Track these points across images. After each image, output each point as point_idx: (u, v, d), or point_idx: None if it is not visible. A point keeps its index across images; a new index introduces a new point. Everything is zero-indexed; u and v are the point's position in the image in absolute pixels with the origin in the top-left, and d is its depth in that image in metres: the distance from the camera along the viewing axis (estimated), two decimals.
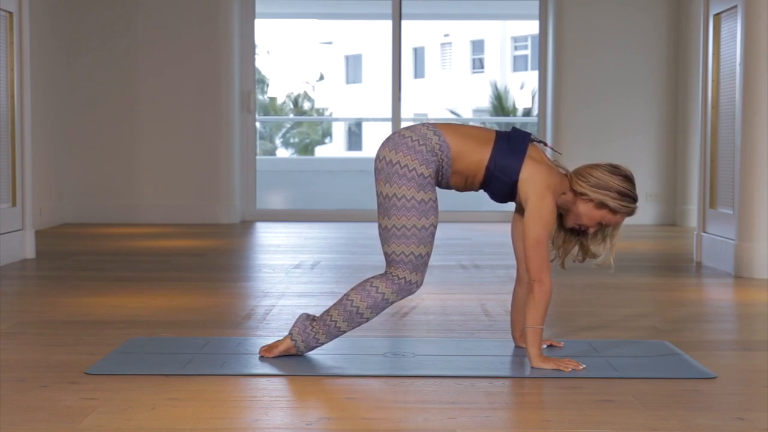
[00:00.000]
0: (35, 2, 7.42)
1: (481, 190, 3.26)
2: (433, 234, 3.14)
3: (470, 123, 20.99)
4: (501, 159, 3.13)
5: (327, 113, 27.59)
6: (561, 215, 3.26)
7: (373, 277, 3.18)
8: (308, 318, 3.23)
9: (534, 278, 3.10)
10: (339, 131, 26.32)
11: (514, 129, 3.20)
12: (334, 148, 25.91)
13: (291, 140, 25.51)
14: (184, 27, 8.81)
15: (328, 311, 3.19)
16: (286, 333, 3.36)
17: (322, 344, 3.21)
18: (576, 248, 3.33)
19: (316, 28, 26.70)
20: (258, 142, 10.40)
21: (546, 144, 3.27)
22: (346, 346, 3.44)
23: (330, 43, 27.38)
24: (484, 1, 12.31)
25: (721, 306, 4.63)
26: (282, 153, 24.89)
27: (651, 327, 3.90)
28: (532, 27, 11.37)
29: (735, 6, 5.59)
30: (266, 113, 23.85)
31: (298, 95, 26.74)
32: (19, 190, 6.00)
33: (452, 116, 23.04)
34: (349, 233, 8.05)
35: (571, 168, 3.29)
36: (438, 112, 23.71)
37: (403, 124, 9.19)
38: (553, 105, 9.01)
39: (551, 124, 9.07)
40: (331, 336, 3.20)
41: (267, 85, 25.81)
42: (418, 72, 26.30)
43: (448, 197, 3.78)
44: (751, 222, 5.35)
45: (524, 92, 20.66)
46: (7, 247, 5.78)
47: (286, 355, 3.22)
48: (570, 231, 3.30)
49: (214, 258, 6.37)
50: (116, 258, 6.29)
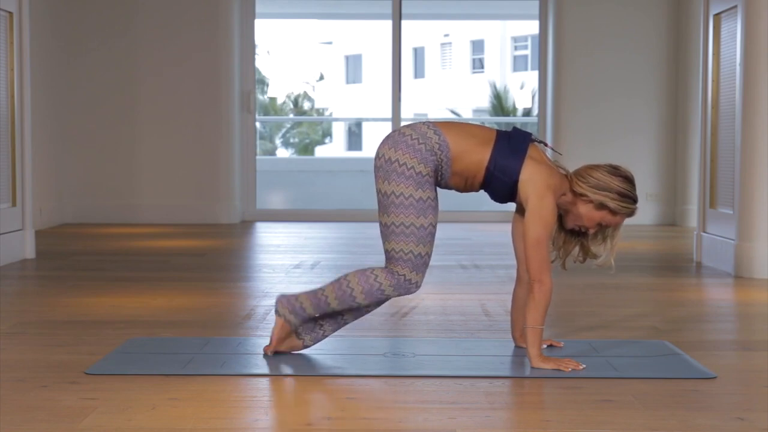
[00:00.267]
0: (35, 2, 7.42)
1: (482, 191, 3.26)
2: (433, 234, 3.14)
3: (470, 123, 21.01)
4: (501, 159, 3.13)
5: (327, 113, 27.59)
6: (561, 216, 3.26)
7: (376, 267, 3.19)
8: (287, 294, 3.26)
9: (534, 278, 3.10)
10: (339, 131, 26.32)
11: (515, 129, 3.20)
12: (334, 148, 25.91)
13: (291, 140, 25.51)
14: (184, 27, 8.81)
15: (323, 288, 3.21)
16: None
17: (310, 315, 3.21)
18: (576, 249, 3.33)
19: (316, 28, 26.71)
20: (258, 142, 10.40)
21: (546, 144, 3.27)
22: (346, 346, 3.44)
23: (330, 43, 27.38)
24: (484, 1, 12.31)
25: (721, 306, 4.63)
26: (282, 153, 24.89)
27: (651, 327, 3.90)
28: (532, 27, 11.37)
29: (735, 6, 5.59)
30: (266, 113, 23.85)
31: (298, 95, 26.74)
32: (19, 190, 6.00)
33: (452, 116, 23.04)
34: (349, 233, 8.05)
35: (571, 168, 3.29)
36: (438, 112, 23.70)
37: (403, 124, 9.18)
38: (553, 105, 9.01)
39: (551, 124, 9.07)
40: (319, 309, 3.19)
41: (267, 85, 25.81)
42: (418, 72, 26.30)
43: (449, 197, 3.77)
44: (751, 222, 5.35)
45: (524, 92, 20.65)
46: (7, 247, 5.78)
47: (290, 352, 3.24)
48: (570, 232, 3.30)
49: (214, 258, 6.37)
50: (116, 258, 6.29)
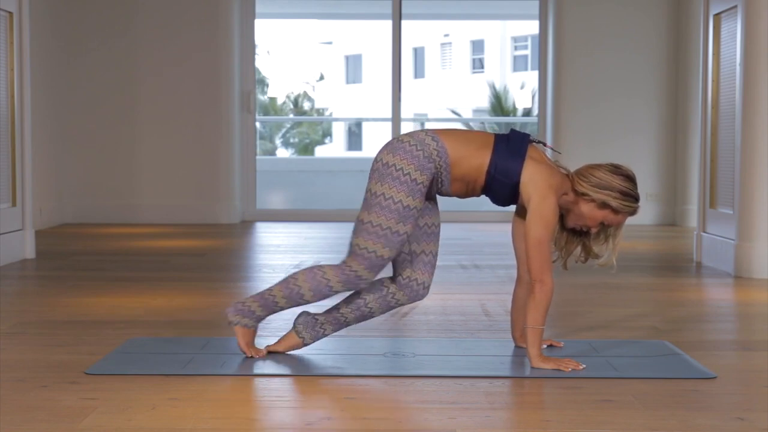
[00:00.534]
0: (35, 2, 7.42)
1: (483, 195, 3.26)
2: (403, 243, 3.16)
3: (470, 123, 21.00)
4: (501, 162, 3.13)
5: (327, 113, 27.59)
6: (563, 216, 3.26)
7: (326, 265, 3.23)
8: (233, 303, 3.28)
9: (535, 278, 3.10)
10: (339, 131, 26.32)
11: (513, 131, 3.20)
12: (334, 148, 25.92)
13: (291, 140, 25.52)
14: (184, 27, 8.81)
15: (270, 288, 3.23)
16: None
17: (260, 316, 3.23)
18: (578, 249, 3.33)
19: (316, 28, 26.71)
20: (258, 142, 10.40)
21: (545, 144, 3.27)
22: (346, 346, 3.44)
23: (330, 43, 27.38)
24: (484, 1, 12.31)
25: (721, 306, 4.62)
26: (282, 153, 24.90)
27: (651, 327, 3.90)
28: (532, 27, 11.37)
29: (735, 6, 5.59)
30: (266, 113, 23.85)
31: (298, 95, 26.74)
32: (19, 190, 6.00)
33: (453, 116, 23.04)
34: (349, 233, 8.03)
35: (572, 168, 3.29)
36: (438, 112, 23.70)
37: (404, 124, 9.18)
38: (553, 105, 9.01)
39: (551, 124, 9.07)
40: (268, 310, 3.22)
41: (267, 85, 25.81)
42: (418, 72, 26.31)
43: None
44: (751, 222, 5.35)
45: (524, 92, 20.65)
46: (7, 247, 5.78)
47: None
48: (572, 231, 3.30)
49: (214, 258, 6.37)
50: (116, 258, 6.29)
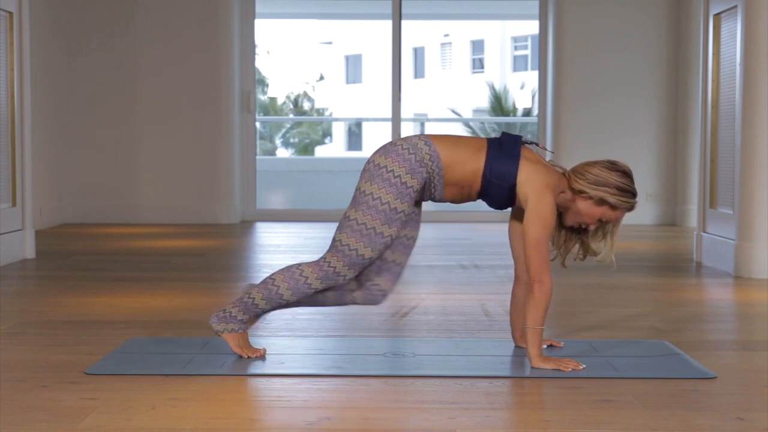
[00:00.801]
0: (35, 2, 7.42)
1: (479, 199, 3.27)
2: (386, 245, 3.15)
3: (470, 123, 21.00)
4: (496, 165, 3.14)
5: (327, 113, 27.59)
6: (560, 214, 3.26)
7: (304, 263, 3.20)
8: (214, 314, 3.27)
9: (534, 278, 3.10)
10: (339, 131, 26.32)
11: (504, 133, 3.20)
12: (334, 148, 25.91)
13: (291, 140, 25.51)
14: (184, 27, 8.81)
15: (249, 291, 3.21)
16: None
17: (243, 320, 3.21)
18: (577, 246, 3.33)
19: (316, 28, 26.70)
20: (258, 142, 10.40)
21: (538, 145, 3.27)
22: (346, 346, 3.44)
23: (330, 43, 27.37)
24: (484, 1, 12.31)
25: (721, 306, 4.62)
26: (282, 153, 24.89)
27: (651, 327, 3.90)
28: (532, 27, 11.37)
29: (735, 6, 5.59)
30: (266, 113, 23.84)
31: (298, 95, 26.74)
32: (19, 190, 6.00)
33: (453, 116, 23.04)
34: None
35: (569, 167, 3.29)
36: (438, 112, 23.70)
37: (404, 124, 9.17)
38: (553, 105, 9.01)
39: (551, 124, 9.07)
40: (250, 313, 3.20)
41: (267, 85, 25.81)
42: (418, 72, 26.29)
43: None
44: (751, 222, 5.35)
45: (524, 92, 20.65)
46: (7, 247, 5.78)
47: (257, 357, 3.23)
48: (570, 229, 3.30)
49: (214, 258, 6.37)
50: (116, 258, 6.29)
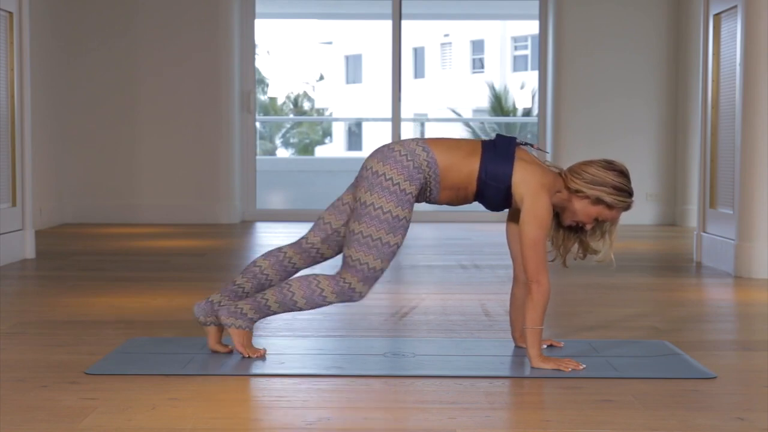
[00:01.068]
0: (35, 2, 7.42)
1: (476, 201, 3.27)
2: (395, 253, 3.16)
3: (470, 123, 21.00)
4: (491, 166, 3.14)
5: (327, 113, 27.58)
6: (558, 214, 3.26)
7: (321, 275, 3.20)
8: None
9: (532, 279, 3.10)
10: (339, 131, 26.31)
11: (498, 135, 3.22)
12: (334, 148, 25.91)
13: (291, 140, 25.51)
14: (184, 27, 8.81)
15: (264, 292, 3.20)
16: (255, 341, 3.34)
17: (252, 319, 3.20)
18: (576, 246, 3.33)
19: (316, 28, 26.70)
20: (258, 142, 10.39)
21: (533, 145, 3.27)
22: (346, 346, 3.44)
23: (330, 43, 27.37)
24: (484, 1, 12.31)
25: (721, 306, 4.62)
26: (282, 153, 24.88)
27: (651, 327, 3.90)
28: (532, 27, 11.37)
29: (735, 6, 5.59)
30: (266, 113, 23.84)
31: (298, 95, 26.73)
32: (19, 190, 6.00)
33: (453, 116, 23.04)
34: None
35: (566, 166, 3.29)
36: (438, 112, 23.70)
37: (404, 124, 9.18)
38: (553, 105, 9.01)
39: (551, 124, 9.07)
40: (261, 313, 3.19)
41: (267, 85, 25.80)
42: (418, 72, 26.29)
43: None
44: (751, 222, 5.35)
45: (524, 92, 20.65)
46: (7, 247, 5.78)
47: (259, 357, 3.22)
48: (569, 229, 3.31)
49: (214, 258, 6.37)
50: (116, 258, 6.29)
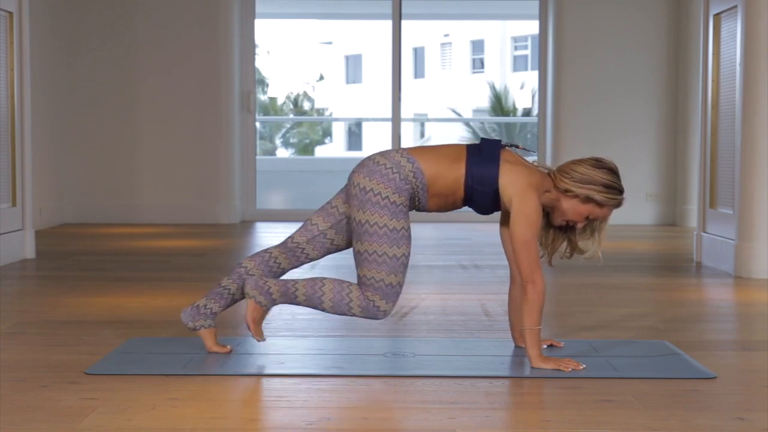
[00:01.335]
0: (35, 2, 7.42)
1: (465, 206, 3.27)
2: (405, 265, 3.15)
3: (470, 123, 21.00)
4: (477, 171, 3.14)
5: (327, 113, 27.59)
6: (548, 214, 3.26)
7: (355, 285, 3.18)
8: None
9: (526, 280, 3.10)
10: (339, 131, 26.32)
11: (484, 139, 3.22)
12: (334, 148, 25.91)
13: (291, 140, 25.51)
14: (184, 27, 8.81)
15: (296, 280, 3.20)
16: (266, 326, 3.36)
17: (275, 300, 3.18)
18: (564, 245, 3.32)
19: (316, 28, 26.70)
20: (258, 142, 10.39)
21: (519, 146, 3.27)
22: (346, 346, 3.44)
23: (330, 43, 27.37)
24: (484, 1, 12.31)
25: (721, 306, 4.62)
26: (282, 153, 24.88)
27: (651, 327, 3.90)
28: (532, 27, 11.37)
29: (735, 6, 5.59)
30: (266, 113, 23.84)
31: (298, 95, 26.73)
32: (19, 190, 6.00)
33: (453, 116, 23.04)
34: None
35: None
36: (438, 112, 23.70)
37: (404, 124, 9.18)
38: (553, 105, 9.01)
39: (551, 124, 9.07)
40: (286, 297, 3.18)
41: (267, 85, 25.80)
42: (418, 72, 26.29)
43: None
44: (751, 222, 5.35)
45: (524, 92, 20.65)
46: (7, 247, 5.78)
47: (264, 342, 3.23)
48: (558, 229, 3.30)
49: (214, 258, 6.37)
50: (116, 258, 6.29)
